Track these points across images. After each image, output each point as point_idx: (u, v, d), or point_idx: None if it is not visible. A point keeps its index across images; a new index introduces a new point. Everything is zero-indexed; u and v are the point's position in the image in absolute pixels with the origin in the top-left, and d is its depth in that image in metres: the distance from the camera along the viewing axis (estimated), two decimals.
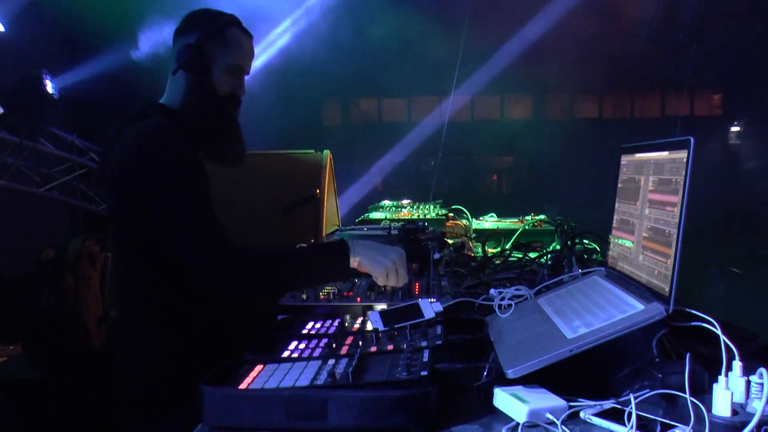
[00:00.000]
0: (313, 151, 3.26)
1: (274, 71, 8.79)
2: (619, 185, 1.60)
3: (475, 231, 3.35)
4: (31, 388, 3.07)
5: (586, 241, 2.61)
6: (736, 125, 14.41)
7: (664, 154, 1.30)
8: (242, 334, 1.77)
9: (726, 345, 1.09)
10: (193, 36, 1.81)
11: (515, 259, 2.54)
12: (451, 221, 3.46)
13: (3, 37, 6.38)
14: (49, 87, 6.15)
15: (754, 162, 13.30)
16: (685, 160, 1.19)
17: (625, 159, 1.58)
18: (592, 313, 1.29)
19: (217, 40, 1.81)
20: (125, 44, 7.71)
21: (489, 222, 3.56)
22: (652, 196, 1.35)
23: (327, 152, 3.25)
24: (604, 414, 1.09)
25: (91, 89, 7.56)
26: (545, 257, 2.43)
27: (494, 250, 2.90)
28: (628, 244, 1.48)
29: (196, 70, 1.80)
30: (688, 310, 1.22)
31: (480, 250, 2.82)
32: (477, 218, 3.65)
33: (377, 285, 1.81)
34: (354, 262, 1.61)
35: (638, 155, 1.48)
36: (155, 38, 7.70)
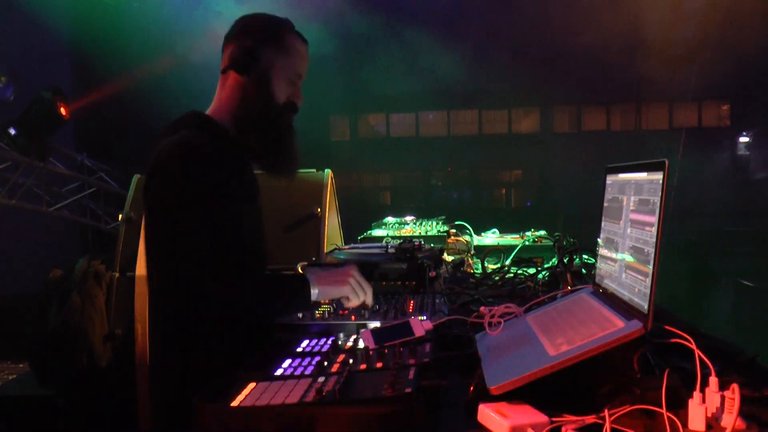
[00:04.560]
0: (314, 170, 3.32)
1: None
2: (605, 204, 1.64)
3: (476, 247, 3.38)
4: (39, 406, 3.13)
5: (585, 257, 2.64)
6: (744, 135, 14.38)
7: (643, 175, 1.35)
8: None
9: (701, 361, 1.12)
10: (249, 39, 1.76)
11: (512, 275, 2.57)
12: (452, 237, 3.49)
13: (15, 61, 6.51)
14: (62, 110, 6.28)
15: (765, 172, 13.25)
16: (661, 181, 1.23)
17: (609, 179, 1.62)
18: (576, 330, 1.33)
19: (274, 45, 1.77)
20: (136, 65, 7.84)
21: (490, 238, 3.59)
22: (633, 215, 1.39)
23: (328, 171, 3.31)
24: (585, 429, 1.12)
25: (101, 109, 7.68)
26: (542, 274, 2.46)
27: (494, 266, 2.93)
28: (613, 262, 1.52)
29: (252, 73, 1.75)
30: (666, 327, 1.25)
31: (479, 266, 2.86)
32: (479, 234, 3.68)
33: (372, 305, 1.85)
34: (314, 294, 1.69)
35: (621, 175, 1.52)
36: (165, 59, 7.83)
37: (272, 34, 1.78)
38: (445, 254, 3.03)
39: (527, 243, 3.21)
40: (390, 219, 3.98)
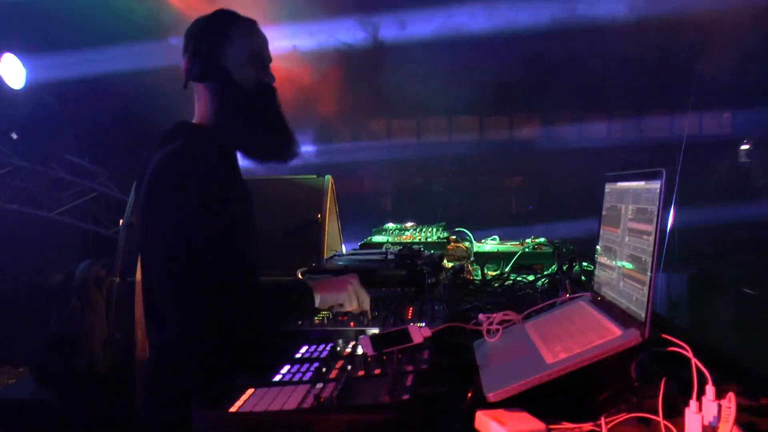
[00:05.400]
0: (314, 176, 3.33)
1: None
2: (604, 212, 1.65)
3: (476, 254, 3.38)
4: (39, 410, 3.14)
5: (585, 264, 2.64)
6: (745, 143, 14.37)
7: (641, 183, 1.35)
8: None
9: (698, 369, 1.13)
10: (192, 46, 1.78)
11: (511, 282, 2.57)
12: (453, 244, 3.49)
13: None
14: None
15: (765, 179, 13.23)
16: (659, 190, 1.24)
17: (608, 187, 1.63)
18: (573, 338, 1.33)
19: (216, 39, 1.77)
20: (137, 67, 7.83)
21: (490, 245, 3.59)
22: (632, 224, 1.40)
23: (329, 177, 3.32)
24: None
25: (103, 113, 7.67)
26: (541, 281, 2.47)
27: (494, 273, 2.93)
28: (611, 270, 1.52)
29: (208, 75, 1.77)
30: (664, 335, 1.25)
31: (479, 273, 2.86)
32: (479, 241, 3.68)
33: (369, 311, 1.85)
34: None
35: (620, 184, 1.53)
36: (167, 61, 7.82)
37: (211, 30, 1.79)
38: (445, 261, 3.04)
39: (527, 250, 3.21)
40: (391, 225, 3.99)
